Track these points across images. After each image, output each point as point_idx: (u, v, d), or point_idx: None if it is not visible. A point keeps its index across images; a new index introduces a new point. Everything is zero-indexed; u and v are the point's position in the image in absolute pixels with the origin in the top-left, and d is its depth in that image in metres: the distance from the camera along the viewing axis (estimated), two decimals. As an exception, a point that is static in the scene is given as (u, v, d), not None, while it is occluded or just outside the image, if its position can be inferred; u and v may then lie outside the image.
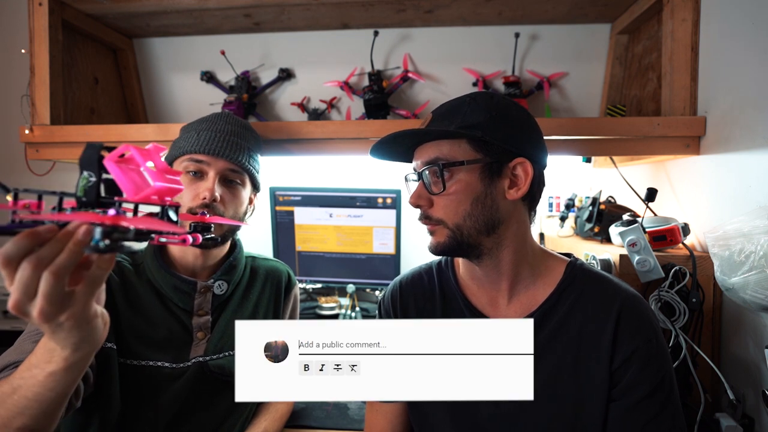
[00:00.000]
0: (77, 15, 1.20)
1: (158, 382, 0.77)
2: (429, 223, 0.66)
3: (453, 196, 0.63)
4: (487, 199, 0.63)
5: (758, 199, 0.80)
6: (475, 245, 0.64)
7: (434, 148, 0.64)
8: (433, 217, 0.65)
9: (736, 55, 0.89)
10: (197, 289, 0.82)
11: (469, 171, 0.62)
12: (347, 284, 1.41)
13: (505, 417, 0.64)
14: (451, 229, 0.63)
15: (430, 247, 0.66)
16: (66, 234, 0.40)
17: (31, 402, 0.50)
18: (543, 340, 0.64)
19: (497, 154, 0.62)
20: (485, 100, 0.64)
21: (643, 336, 0.62)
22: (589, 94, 1.32)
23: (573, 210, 1.23)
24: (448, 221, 0.63)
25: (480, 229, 0.63)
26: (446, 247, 0.64)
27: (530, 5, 1.19)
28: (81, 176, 0.41)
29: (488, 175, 0.63)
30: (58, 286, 0.40)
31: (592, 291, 0.66)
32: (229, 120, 0.86)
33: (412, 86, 1.36)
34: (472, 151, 0.62)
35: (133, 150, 0.43)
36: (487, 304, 0.69)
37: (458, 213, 0.63)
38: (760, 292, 0.68)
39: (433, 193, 0.64)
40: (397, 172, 1.41)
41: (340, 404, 1.00)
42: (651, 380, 0.60)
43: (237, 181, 0.84)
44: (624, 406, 0.61)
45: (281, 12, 1.23)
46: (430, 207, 0.65)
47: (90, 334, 0.46)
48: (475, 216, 0.63)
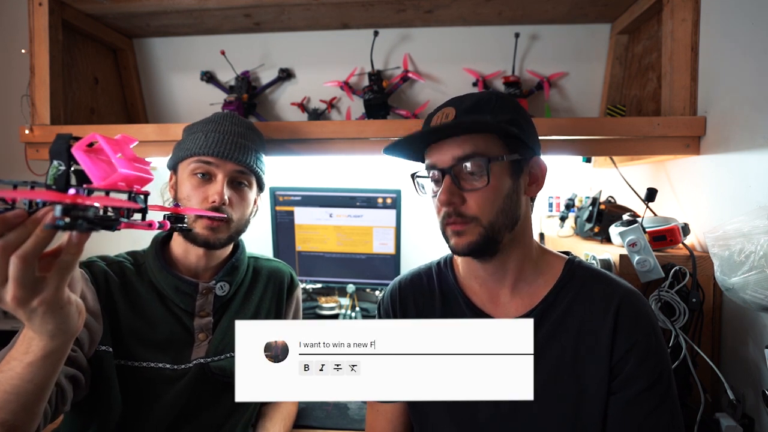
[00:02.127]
0: (77, 15, 1.20)
1: (159, 383, 0.77)
2: (460, 222, 0.62)
3: (491, 191, 0.61)
4: (514, 195, 0.63)
5: (758, 199, 0.80)
6: (501, 242, 0.63)
7: (468, 143, 0.61)
8: (467, 215, 0.61)
9: (736, 55, 0.89)
10: (199, 291, 0.82)
11: (501, 166, 0.62)
12: (347, 284, 1.41)
13: (506, 416, 0.64)
14: (485, 226, 0.61)
15: (462, 248, 0.62)
16: (34, 221, 0.41)
17: (9, 395, 0.51)
18: (543, 337, 0.64)
19: (522, 151, 0.63)
20: (509, 98, 0.66)
21: (641, 331, 0.62)
22: (589, 94, 1.32)
23: (573, 210, 1.23)
24: (483, 218, 0.61)
25: (507, 224, 0.63)
26: (478, 246, 0.62)
27: (530, 5, 1.19)
28: (51, 165, 0.43)
29: (516, 171, 0.64)
30: (27, 270, 0.42)
31: (591, 287, 0.66)
32: (234, 121, 0.85)
33: (412, 86, 1.37)
34: (503, 147, 0.62)
35: (100, 139, 0.44)
36: (488, 302, 0.69)
37: (494, 209, 0.61)
38: (760, 292, 0.68)
39: (466, 189, 0.61)
40: (397, 172, 1.42)
41: (340, 404, 1.01)
42: (649, 374, 0.61)
43: (245, 182, 0.83)
44: (622, 400, 0.61)
45: (281, 12, 1.23)
46: (462, 204, 0.62)
47: (64, 321, 0.48)
48: (506, 212, 0.62)
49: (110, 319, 0.76)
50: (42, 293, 0.44)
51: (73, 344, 0.66)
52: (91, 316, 0.73)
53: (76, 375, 0.68)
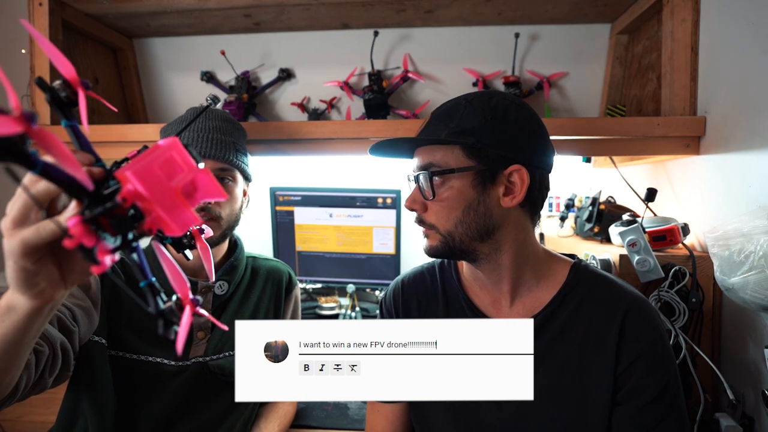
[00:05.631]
0: (77, 15, 1.20)
1: (158, 378, 0.77)
2: (423, 227, 0.66)
3: (445, 203, 0.62)
4: (480, 207, 0.61)
5: (758, 199, 0.80)
6: (468, 251, 0.64)
7: (428, 154, 0.64)
8: (426, 222, 0.65)
9: (736, 55, 0.89)
10: (198, 289, 0.82)
11: (461, 178, 0.61)
12: (347, 284, 1.41)
13: (509, 420, 0.63)
14: (443, 234, 0.63)
15: (425, 249, 0.67)
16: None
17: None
18: (547, 343, 0.63)
19: (491, 162, 0.60)
20: (482, 103, 0.62)
21: (648, 339, 0.61)
22: (589, 94, 1.32)
23: (573, 210, 1.23)
24: (440, 227, 0.63)
25: (472, 236, 0.62)
26: (438, 251, 0.65)
27: (530, 5, 1.19)
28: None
29: (481, 182, 0.61)
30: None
31: (597, 293, 0.65)
32: (208, 116, 0.83)
33: (412, 86, 1.36)
34: (464, 157, 0.61)
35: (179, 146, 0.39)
36: (490, 305, 0.68)
37: (450, 220, 0.62)
38: (760, 292, 0.68)
39: (426, 198, 0.64)
40: (397, 173, 1.42)
41: (340, 404, 1.00)
42: (656, 385, 0.59)
43: (228, 178, 0.83)
44: (629, 411, 0.60)
45: (281, 12, 1.23)
46: (424, 211, 0.65)
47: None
48: (467, 223, 0.62)
49: (111, 311, 0.76)
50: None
51: (71, 321, 0.66)
52: (91, 302, 0.73)
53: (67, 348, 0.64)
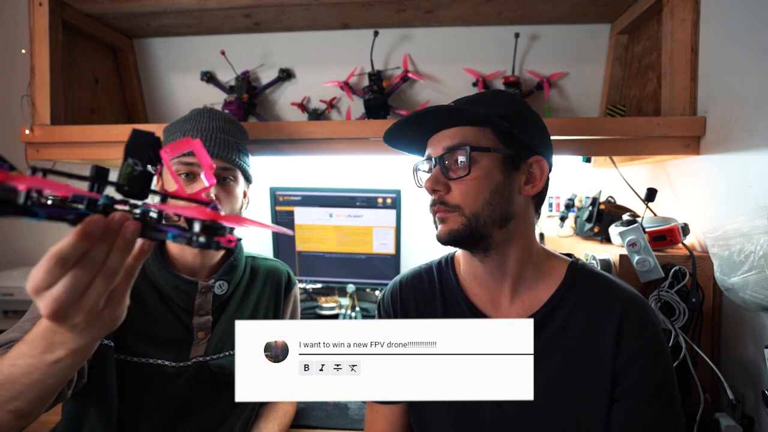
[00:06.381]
0: (77, 15, 1.20)
1: (159, 379, 0.77)
2: (443, 210, 0.63)
3: (474, 182, 0.62)
4: (505, 191, 0.63)
5: (758, 199, 0.80)
6: (486, 236, 0.63)
7: (459, 134, 0.63)
8: (450, 203, 0.63)
9: (736, 55, 0.89)
10: (198, 289, 0.82)
11: (492, 159, 0.62)
12: (347, 284, 1.41)
13: (508, 419, 0.64)
14: (467, 216, 0.62)
15: (441, 235, 0.64)
16: (109, 232, 0.35)
17: (27, 388, 0.47)
18: (545, 342, 0.63)
19: (518, 148, 0.63)
20: (507, 96, 0.66)
21: (645, 337, 0.61)
22: (589, 94, 1.32)
23: (573, 210, 1.23)
24: (466, 208, 0.62)
25: (495, 219, 0.62)
26: (458, 234, 0.62)
27: (530, 5, 1.19)
28: (125, 163, 0.38)
29: (508, 167, 0.63)
30: (108, 287, 0.38)
31: (595, 292, 0.65)
32: (212, 116, 0.85)
33: (412, 86, 1.36)
34: (496, 140, 0.63)
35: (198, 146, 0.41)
36: (489, 304, 0.68)
37: (477, 200, 0.62)
38: (760, 292, 0.68)
39: (451, 178, 0.63)
40: (397, 172, 1.42)
41: (340, 404, 1.01)
42: (653, 382, 0.60)
43: (230, 178, 0.83)
44: (626, 408, 0.60)
45: (281, 12, 1.23)
46: (447, 192, 0.63)
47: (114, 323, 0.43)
48: (493, 205, 0.62)
49: None
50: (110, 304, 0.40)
51: None
52: None
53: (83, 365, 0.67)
